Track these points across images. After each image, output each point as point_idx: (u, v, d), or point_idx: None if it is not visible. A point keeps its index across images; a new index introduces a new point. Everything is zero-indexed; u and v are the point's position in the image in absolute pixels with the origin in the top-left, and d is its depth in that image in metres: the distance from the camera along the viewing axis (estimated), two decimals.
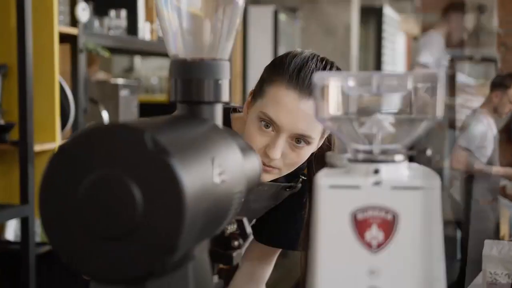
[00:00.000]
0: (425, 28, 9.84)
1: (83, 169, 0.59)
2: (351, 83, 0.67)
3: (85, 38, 2.63)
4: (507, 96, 4.08)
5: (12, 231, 2.61)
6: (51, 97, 2.41)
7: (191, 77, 0.76)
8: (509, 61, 10.04)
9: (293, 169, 1.30)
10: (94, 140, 0.59)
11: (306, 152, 1.27)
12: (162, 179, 0.57)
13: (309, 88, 1.21)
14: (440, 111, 0.65)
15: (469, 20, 4.47)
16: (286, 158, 1.26)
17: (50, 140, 2.42)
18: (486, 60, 8.27)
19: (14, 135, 2.34)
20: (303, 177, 1.42)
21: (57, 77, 2.43)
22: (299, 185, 1.41)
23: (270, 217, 1.47)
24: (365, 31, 7.45)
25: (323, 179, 0.66)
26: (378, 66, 7.40)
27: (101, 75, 3.86)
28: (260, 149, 1.25)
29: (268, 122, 1.24)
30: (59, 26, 2.48)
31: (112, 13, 2.95)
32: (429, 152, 3.95)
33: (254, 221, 1.49)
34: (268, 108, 1.23)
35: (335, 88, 0.67)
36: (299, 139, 1.24)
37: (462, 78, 4.94)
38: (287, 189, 1.41)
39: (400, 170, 0.67)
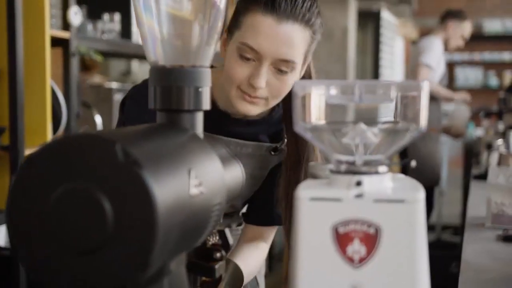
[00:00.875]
0: (423, 32, 9.85)
1: (52, 181, 0.57)
2: (333, 92, 0.64)
3: (77, 42, 2.61)
4: (460, 29, 4.34)
5: (2, 236, 2.58)
6: (43, 101, 2.39)
7: (171, 84, 0.74)
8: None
9: (279, 100, 1.28)
10: (64, 151, 0.57)
11: (290, 79, 1.25)
12: (133, 191, 0.55)
13: (286, 12, 1.20)
14: (424, 122, 0.63)
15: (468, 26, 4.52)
16: (271, 87, 1.23)
17: (41, 144, 2.40)
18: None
19: (4, 139, 2.31)
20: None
21: (49, 81, 2.41)
22: (284, 148, 1.37)
23: (254, 196, 1.45)
24: (362, 35, 7.43)
25: (304, 191, 0.64)
26: (376, 70, 7.38)
27: (97, 79, 3.84)
28: (243, 80, 1.23)
29: (248, 53, 1.21)
30: (51, 29, 2.45)
31: (106, 16, 2.93)
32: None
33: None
34: (246, 37, 1.21)
35: (316, 97, 0.65)
36: (281, 68, 1.22)
37: None
38: (273, 152, 1.38)
39: (383, 182, 0.65)
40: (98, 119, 2.90)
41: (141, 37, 0.77)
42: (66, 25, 2.57)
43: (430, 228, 5.32)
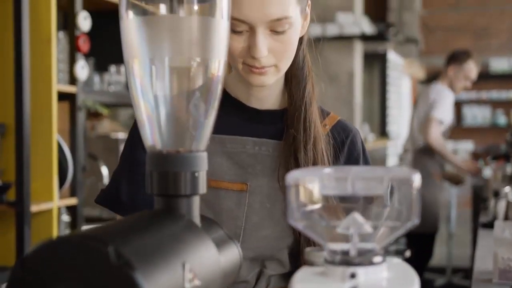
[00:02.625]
0: (430, 72, 9.90)
1: (45, 283, 0.57)
2: (326, 183, 0.65)
3: (84, 95, 2.64)
4: (462, 71, 4.34)
5: None
6: (49, 156, 2.41)
7: (167, 170, 0.75)
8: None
9: (290, 61, 1.18)
10: (56, 253, 0.58)
11: (293, 36, 1.16)
12: None
13: None
14: (416, 214, 0.63)
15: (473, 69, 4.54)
16: (275, 52, 1.15)
17: (47, 199, 2.40)
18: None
19: (11, 195, 2.32)
20: None
21: (55, 136, 2.43)
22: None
23: None
24: (369, 76, 7.48)
25: (298, 284, 0.64)
26: (383, 111, 7.40)
27: (106, 125, 3.86)
28: (245, 54, 1.14)
29: (238, 26, 1.13)
30: (58, 84, 2.48)
31: (113, 68, 2.97)
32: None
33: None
34: (232, 11, 1.14)
35: (309, 188, 0.65)
36: (277, 29, 1.13)
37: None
38: None
39: (378, 273, 0.65)
40: (104, 170, 2.91)
41: (138, 121, 0.78)
42: (73, 79, 2.60)
43: (441, 271, 5.27)
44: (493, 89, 10.12)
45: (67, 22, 2.66)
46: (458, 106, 10.23)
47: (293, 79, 1.27)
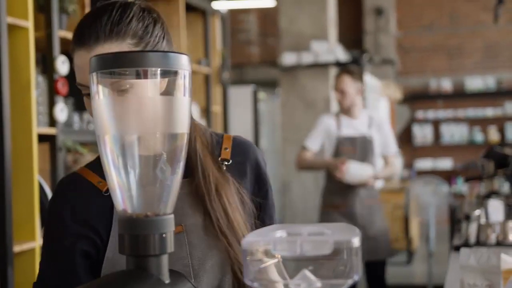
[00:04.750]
0: (407, 92, 10.07)
1: None
2: (277, 247, 0.73)
3: (63, 136, 2.71)
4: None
5: None
6: (30, 196, 2.47)
7: (137, 233, 0.83)
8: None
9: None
10: None
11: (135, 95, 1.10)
12: None
13: (91, 38, 1.17)
14: (357, 272, 0.71)
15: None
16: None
17: (29, 239, 2.46)
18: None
19: None
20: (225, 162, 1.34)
21: (36, 177, 2.50)
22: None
23: None
24: None
25: None
26: None
27: (88, 159, 3.91)
28: None
29: (85, 90, 1.18)
30: (38, 127, 2.56)
31: None
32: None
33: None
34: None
35: (262, 251, 0.74)
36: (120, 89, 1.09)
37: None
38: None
39: None
40: None
41: (110, 187, 0.86)
42: (52, 121, 2.67)
43: None
44: (469, 107, 10.31)
45: (45, 66, 2.74)
46: (436, 124, 10.41)
47: None
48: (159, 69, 0.82)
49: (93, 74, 0.83)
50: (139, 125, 0.84)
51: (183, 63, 0.84)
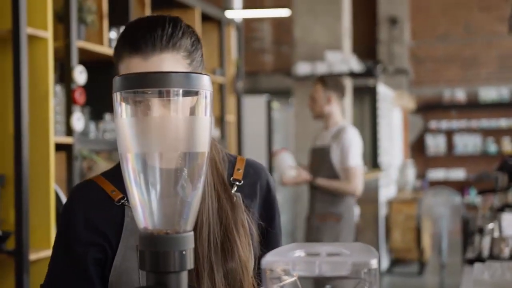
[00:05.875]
0: (420, 102, 10.05)
1: None
2: (296, 267, 0.75)
3: (80, 145, 2.74)
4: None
5: None
6: (47, 205, 2.50)
7: (158, 250, 0.84)
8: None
9: None
10: None
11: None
12: None
13: (148, 46, 1.19)
14: None
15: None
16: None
17: (45, 247, 2.49)
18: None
19: (10, 244, 2.41)
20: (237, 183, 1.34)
21: (53, 186, 2.52)
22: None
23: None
24: (359, 109, 7.60)
25: None
26: (374, 142, 7.51)
27: (102, 166, 3.93)
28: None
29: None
30: (55, 136, 2.59)
31: (108, 116, 3.07)
32: None
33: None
34: None
35: (282, 271, 0.75)
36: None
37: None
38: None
39: None
40: None
41: (131, 205, 0.87)
42: (69, 131, 2.70)
43: None
44: (483, 117, 10.27)
45: (63, 75, 2.77)
46: (450, 134, 10.38)
47: None
48: (181, 89, 0.84)
49: (117, 94, 0.85)
50: (161, 144, 0.86)
51: (205, 84, 0.86)
